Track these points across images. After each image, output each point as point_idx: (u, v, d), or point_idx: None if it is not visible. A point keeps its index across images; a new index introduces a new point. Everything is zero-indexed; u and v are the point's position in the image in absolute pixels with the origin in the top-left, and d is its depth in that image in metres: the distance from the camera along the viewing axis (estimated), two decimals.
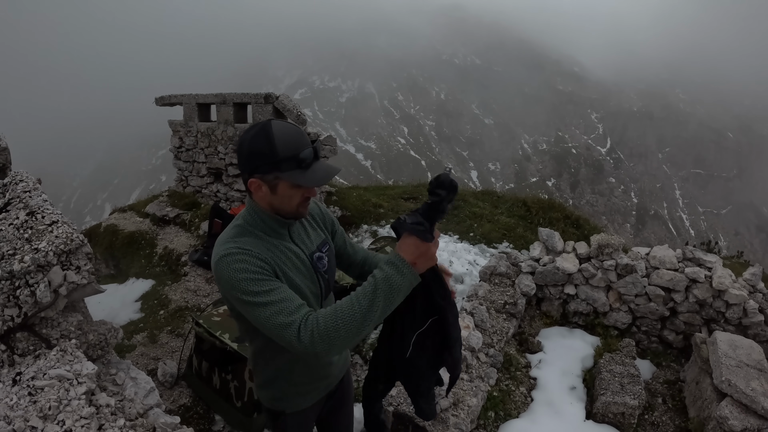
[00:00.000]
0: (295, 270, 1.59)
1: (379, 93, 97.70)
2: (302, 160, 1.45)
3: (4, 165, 2.19)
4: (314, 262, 1.67)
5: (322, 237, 1.77)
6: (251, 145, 1.46)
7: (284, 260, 1.56)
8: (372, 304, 1.32)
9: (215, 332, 3.44)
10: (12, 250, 1.56)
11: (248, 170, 1.49)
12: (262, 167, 1.46)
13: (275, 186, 1.50)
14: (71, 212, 70.48)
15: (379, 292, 1.33)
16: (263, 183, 1.49)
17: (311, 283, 1.63)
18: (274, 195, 1.52)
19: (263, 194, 1.52)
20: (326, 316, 1.33)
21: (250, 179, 1.50)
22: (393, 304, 1.37)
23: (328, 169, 1.53)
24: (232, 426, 3.49)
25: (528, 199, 8.19)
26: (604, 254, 4.40)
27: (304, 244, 1.67)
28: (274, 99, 7.10)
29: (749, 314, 3.96)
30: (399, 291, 1.36)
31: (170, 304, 5.36)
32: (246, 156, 1.48)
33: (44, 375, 1.44)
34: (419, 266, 1.40)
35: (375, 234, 6.90)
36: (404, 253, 1.38)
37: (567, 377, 3.88)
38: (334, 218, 1.89)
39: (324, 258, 1.72)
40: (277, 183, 1.49)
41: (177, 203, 7.99)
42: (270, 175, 1.47)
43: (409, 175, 54.66)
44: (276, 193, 1.51)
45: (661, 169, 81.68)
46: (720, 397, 3.20)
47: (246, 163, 1.49)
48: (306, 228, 1.73)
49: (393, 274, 1.35)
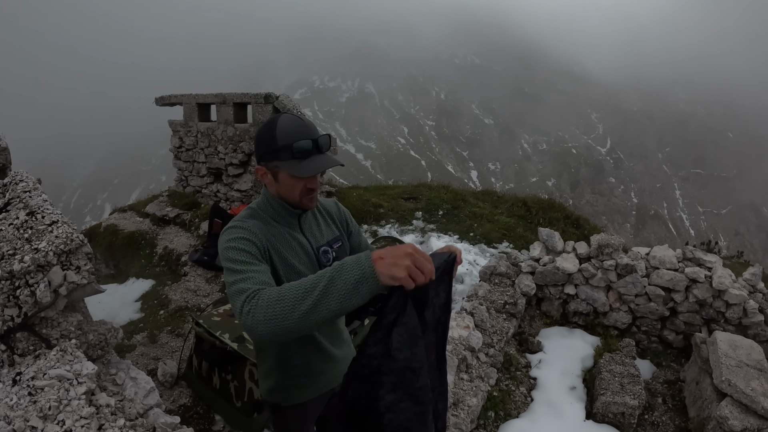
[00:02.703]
0: (298, 259, 1.62)
1: (379, 93, 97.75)
2: (297, 150, 1.49)
3: (4, 165, 2.19)
4: (319, 256, 1.70)
5: (336, 233, 1.80)
6: (259, 134, 1.57)
7: (286, 248, 1.61)
8: (315, 286, 1.15)
9: (215, 332, 3.44)
10: (12, 250, 1.56)
11: (257, 158, 1.60)
12: (266, 155, 1.55)
13: (276, 174, 1.57)
14: (71, 212, 70.47)
15: (326, 274, 1.16)
16: (267, 170, 1.59)
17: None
18: (278, 183, 1.59)
19: (269, 182, 1.61)
20: (271, 290, 1.23)
21: (257, 166, 1.61)
22: (337, 292, 1.13)
23: (324, 161, 1.54)
24: (232, 426, 3.49)
25: (528, 199, 8.19)
26: (604, 254, 4.40)
27: (313, 237, 1.71)
28: (274, 99, 7.10)
29: (749, 314, 3.96)
30: (346, 279, 1.13)
31: (170, 304, 5.36)
32: (256, 144, 1.61)
33: (44, 375, 1.44)
34: (383, 263, 1.13)
35: (375, 234, 6.89)
36: (376, 252, 1.21)
37: (567, 377, 3.88)
38: (350, 218, 1.92)
39: (330, 253, 1.74)
40: (277, 171, 1.56)
41: (177, 203, 7.99)
42: (271, 164, 1.55)
43: (409, 175, 54.63)
44: (278, 182, 1.59)
45: (661, 169, 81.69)
46: (720, 397, 3.20)
47: (256, 151, 1.61)
48: (319, 222, 1.78)
49: (348, 261, 1.17)
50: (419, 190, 8.69)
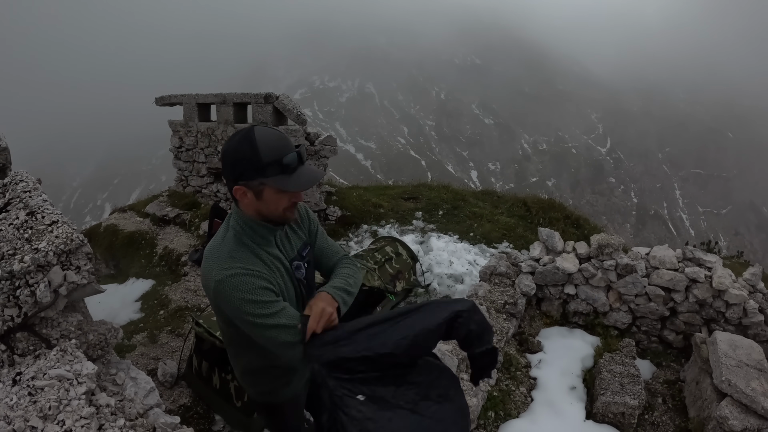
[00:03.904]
0: (281, 278, 1.61)
1: (379, 93, 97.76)
2: (287, 166, 1.44)
3: (4, 165, 2.19)
4: (292, 272, 1.67)
5: (303, 239, 1.77)
6: (236, 152, 1.45)
7: (274, 270, 1.59)
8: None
9: (215, 332, 3.44)
10: (12, 250, 1.55)
11: (233, 177, 1.48)
12: (247, 173, 1.44)
13: (260, 192, 1.48)
14: (71, 212, 70.47)
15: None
16: (248, 189, 1.48)
17: (291, 288, 1.65)
18: (260, 201, 1.50)
19: (249, 201, 1.51)
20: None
21: (234, 186, 1.49)
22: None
23: (313, 174, 1.52)
24: (232, 426, 3.49)
25: (528, 199, 8.19)
26: (604, 254, 4.40)
27: (285, 250, 1.67)
28: (274, 99, 7.10)
29: (749, 314, 3.96)
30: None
31: (170, 304, 5.36)
32: (231, 163, 1.47)
33: (44, 375, 1.44)
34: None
35: (375, 234, 6.89)
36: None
37: (567, 377, 3.88)
38: (314, 217, 1.88)
39: (302, 267, 1.72)
40: (262, 189, 1.47)
41: (177, 203, 7.99)
42: (255, 181, 1.46)
43: (409, 175, 54.56)
44: (262, 199, 1.50)
45: (661, 169, 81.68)
46: (720, 397, 3.20)
47: (231, 171, 1.48)
48: (287, 232, 1.72)
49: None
50: (419, 190, 8.68)
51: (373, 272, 4.82)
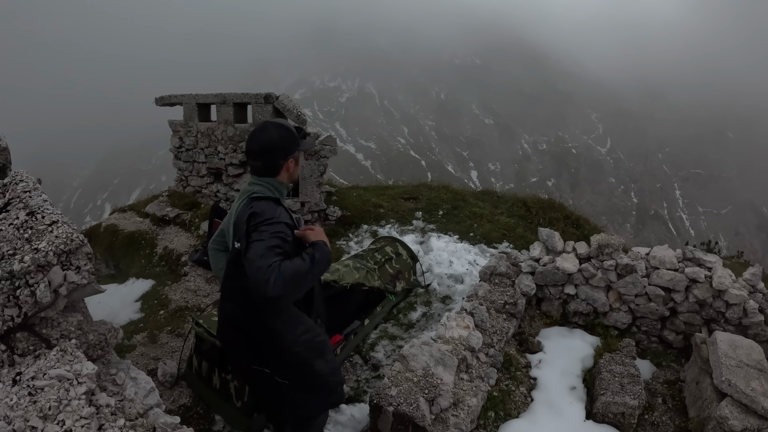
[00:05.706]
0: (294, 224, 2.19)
1: (379, 93, 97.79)
2: (303, 134, 2.16)
3: (4, 165, 2.19)
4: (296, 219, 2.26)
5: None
6: (282, 138, 2.05)
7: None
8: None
9: (215, 332, 3.43)
10: (12, 250, 1.55)
11: (284, 155, 2.07)
12: (293, 147, 2.08)
13: (298, 158, 2.14)
14: (71, 212, 70.47)
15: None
16: (294, 159, 2.11)
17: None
18: (297, 165, 2.15)
19: (294, 169, 2.13)
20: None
21: (288, 160, 2.08)
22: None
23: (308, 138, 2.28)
24: (232, 426, 3.49)
25: (528, 199, 8.19)
26: (604, 254, 4.40)
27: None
28: (274, 99, 7.10)
29: (749, 314, 3.96)
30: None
31: (170, 304, 5.35)
32: (280, 145, 2.05)
33: (44, 375, 1.44)
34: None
35: (375, 234, 6.89)
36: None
37: (567, 377, 3.88)
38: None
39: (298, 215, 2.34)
40: (298, 156, 2.14)
41: (177, 203, 7.98)
42: (296, 153, 2.11)
43: (409, 175, 54.48)
44: (298, 164, 2.16)
45: (661, 169, 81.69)
46: (720, 397, 3.20)
47: (281, 150, 2.06)
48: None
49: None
50: (419, 190, 8.68)
51: (373, 272, 4.81)
